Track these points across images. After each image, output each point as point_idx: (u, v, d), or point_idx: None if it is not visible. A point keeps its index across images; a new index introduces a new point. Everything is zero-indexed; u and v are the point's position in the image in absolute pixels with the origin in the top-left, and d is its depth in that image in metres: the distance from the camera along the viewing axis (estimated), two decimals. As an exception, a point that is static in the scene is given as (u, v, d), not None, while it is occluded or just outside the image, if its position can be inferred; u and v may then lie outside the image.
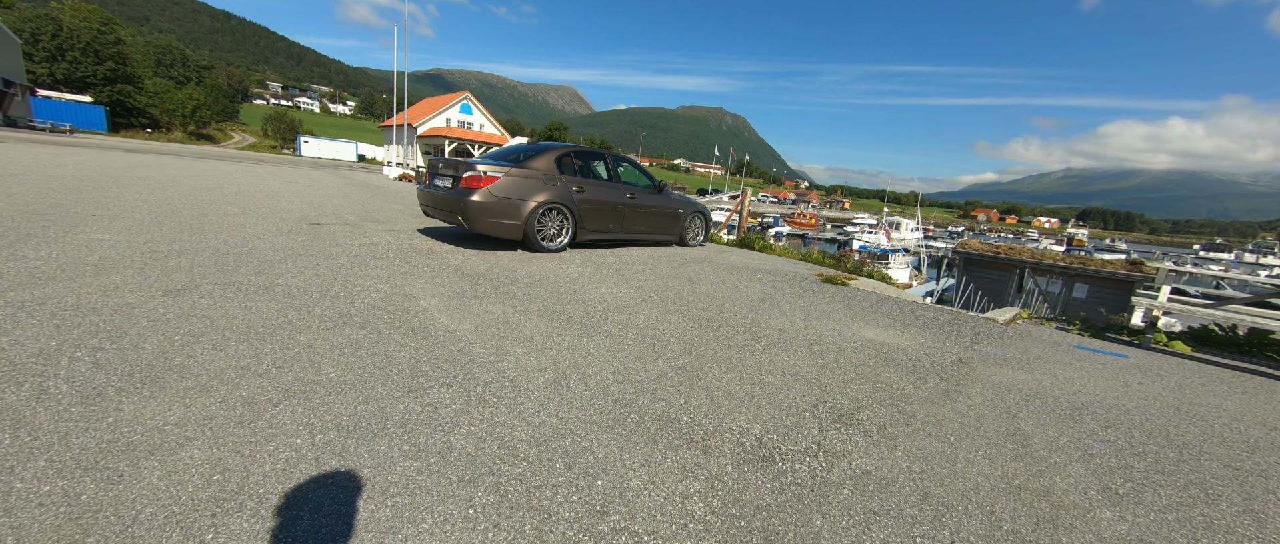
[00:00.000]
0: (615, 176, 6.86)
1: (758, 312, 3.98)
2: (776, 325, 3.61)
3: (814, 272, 6.21)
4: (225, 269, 3.70)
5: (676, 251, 7.25)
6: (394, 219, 7.79)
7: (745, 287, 4.96)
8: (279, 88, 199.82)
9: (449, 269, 4.52)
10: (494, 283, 4.14)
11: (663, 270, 5.54)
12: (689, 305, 3.97)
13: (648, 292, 4.33)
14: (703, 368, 2.61)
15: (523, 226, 5.67)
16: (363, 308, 3.11)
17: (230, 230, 5.25)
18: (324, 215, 7.30)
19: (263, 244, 4.71)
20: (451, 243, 5.99)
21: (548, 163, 6.05)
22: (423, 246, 5.55)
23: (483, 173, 5.45)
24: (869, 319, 4.09)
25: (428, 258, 4.95)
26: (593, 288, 4.29)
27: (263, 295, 3.14)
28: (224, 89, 70.11)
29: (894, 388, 2.58)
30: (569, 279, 4.56)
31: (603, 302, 3.83)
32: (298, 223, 6.32)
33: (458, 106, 41.66)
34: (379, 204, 9.95)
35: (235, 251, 4.28)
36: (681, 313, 3.71)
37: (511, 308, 3.44)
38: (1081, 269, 10.70)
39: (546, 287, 4.17)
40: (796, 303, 4.43)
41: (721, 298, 4.35)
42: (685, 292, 4.47)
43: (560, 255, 5.88)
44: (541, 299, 3.74)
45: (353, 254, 4.73)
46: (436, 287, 3.84)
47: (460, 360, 2.44)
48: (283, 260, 4.16)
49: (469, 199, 5.36)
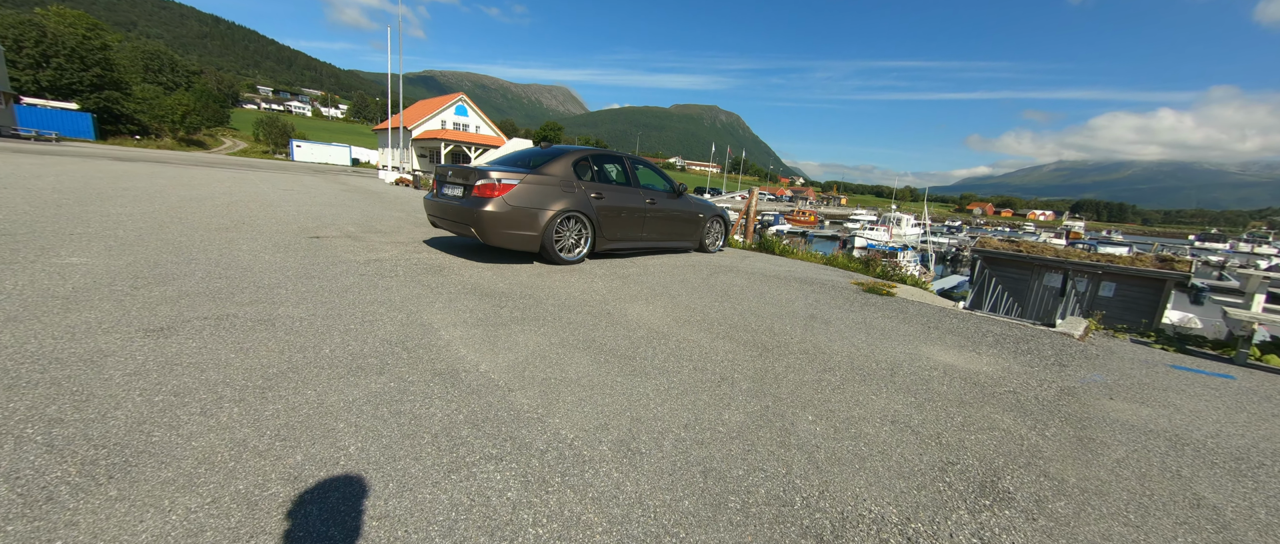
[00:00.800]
0: (634, 181, 6.44)
1: (813, 332, 3.58)
2: (840, 350, 3.22)
3: (851, 280, 5.82)
4: (217, 297, 3.26)
5: (699, 259, 6.85)
6: (397, 229, 7.34)
7: (786, 300, 4.55)
8: (270, 92, 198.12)
9: (466, 289, 4.09)
10: (518, 305, 3.72)
11: (692, 282, 5.13)
12: (736, 327, 3.56)
13: (685, 310, 3.92)
14: (786, 414, 2.21)
15: (540, 238, 5.25)
16: (377, 344, 2.69)
17: (222, 248, 4.80)
18: (323, 227, 6.85)
19: (258, 264, 4.27)
20: (463, 256, 5.57)
21: (565, 168, 5.62)
22: (433, 261, 5.12)
23: (497, 181, 5.02)
24: (934, 338, 3.69)
25: (440, 275, 4.52)
26: (625, 307, 3.87)
27: (261, 331, 2.72)
28: (214, 94, 69.15)
29: (1016, 437, 2.19)
30: (597, 297, 4.14)
31: (642, 325, 3.42)
32: (295, 236, 5.87)
33: (453, 108, 41.05)
34: (379, 212, 9.50)
35: (228, 274, 3.84)
36: (732, 337, 3.30)
37: (544, 337, 3.03)
38: (1109, 267, 10.36)
39: (575, 307, 3.76)
40: (848, 319, 4.03)
41: (767, 315, 3.95)
42: (725, 309, 4.06)
43: (580, 267, 5.47)
44: (574, 324, 3.32)
45: (358, 273, 4.30)
46: (456, 312, 3.42)
47: (503, 417, 2.02)
48: (281, 283, 3.73)
49: (483, 210, 4.93)
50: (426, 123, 39.56)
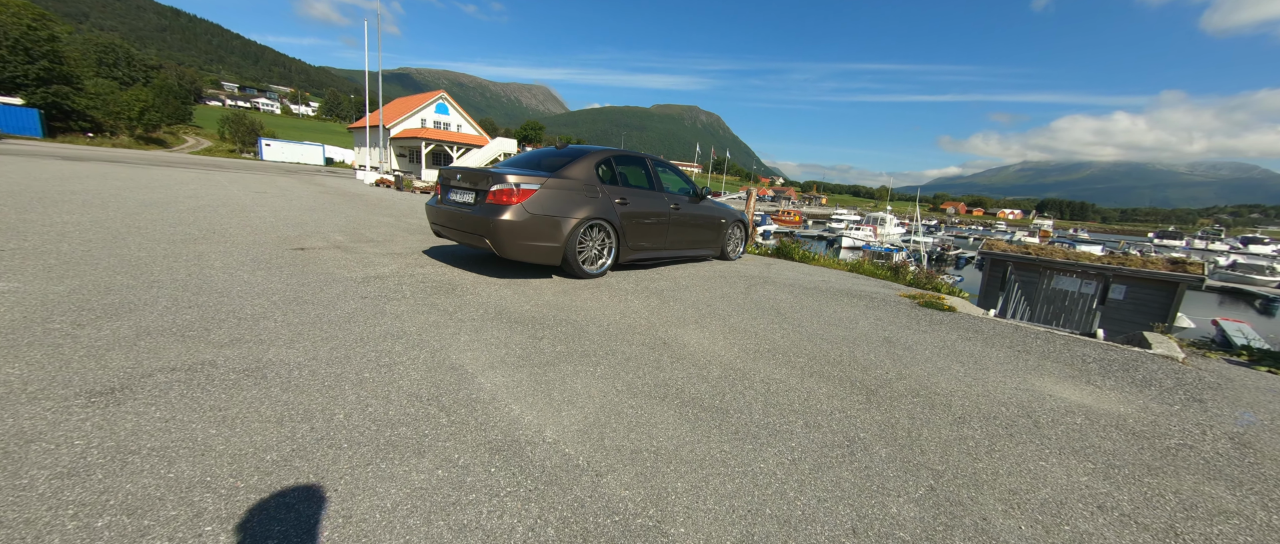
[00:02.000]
0: (657, 184, 5.90)
1: (901, 362, 3.10)
2: (950, 388, 2.74)
3: (899, 292, 5.39)
4: (187, 335, 2.59)
5: (726, 269, 6.34)
6: (390, 237, 6.62)
7: (847, 319, 4.07)
8: (235, 88, 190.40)
9: (488, 313, 3.48)
10: (556, 334, 3.14)
11: (734, 299, 4.61)
12: (815, 358, 3.05)
13: (747, 336, 3.40)
14: (964, 502, 1.70)
15: (562, 249, 4.66)
16: (405, 402, 2.08)
17: (191, 265, 4.07)
18: (306, 235, 6.10)
19: (236, 285, 3.57)
20: (472, 269, 4.93)
21: (587, 170, 5.04)
22: (441, 277, 4.47)
23: (515, 186, 4.41)
24: (1031, 365, 3.26)
25: (454, 296, 3.89)
26: (679, 334, 3.33)
27: (249, 387, 2.08)
28: (175, 90, 65.73)
29: (1259, 523, 1.73)
30: (641, 321, 3.59)
31: (710, 359, 2.88)
32: (276, 248, 5.13)
33: (433, 106, 39.68)
34: (365, 217, 8.71)
35: (200, 301, 3.15)
36: (820, 373, 2.79)
37: (606, 382, 2.46)
38: (1120, 270, 10.27)
39: (623, 335, 3.19)
40: (927, 343, 3.57)
41: (837, 340, 3.45)
42: (789, 333, 3.56)
43: (605, 282, 4.89)
44: (632, 360, 2.76)
45: (358, 296, 3.64)
46: (487, 347, 2.82)
47: (608, 526, 1.45)
48: (267, 312, 3.06)
49: (499, 219, 4.31)
50: (405, 121, 38.14)
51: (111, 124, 50.59)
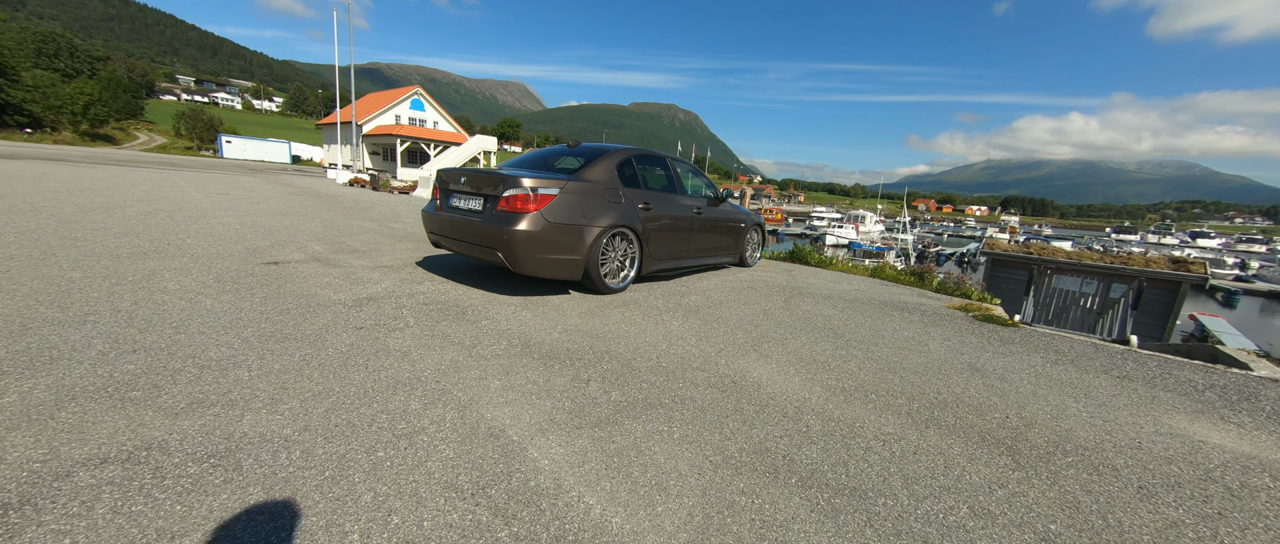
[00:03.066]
0: (680, 186, 5.37)
1: (1010, 401, 2.65)
2: (1086, 437, 2.30)
3: (946, 304, 5.00)
4: (128, 399, 1.94)
5: (748, 277, 5.86)
6: (375, 245, 5.90)
7: (912, 340, 3.63)
8: (192, 82, 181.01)
9: (513, 345, 2.90)
10: (600, 372, 2.58)
11: (777, 315, 4.12)
12: (910, 396, 2.58)
13: (820, 368, 2.91)
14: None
15: (584, 262, 4.09)
16: (441, 502, 1.50)
17: (138, 288, 3.33)
18: (279, 245, 5.33)
19: (197, 316, 2.88)
20: (476, 284, 4.30)
21: (609, 172, 4.48)
22: (444, 296, 3.84)
23: (532, 191, 3.81)
24: (1148, 397, 2.87)
25: (465, 321, 3.28)
26: (742, 367, 2.81)
27: (217, 492, 1.46)
28: (124, 83, 61.68)
29: None
30: (691, 349, 3.05)
31: (800, 406, 2.37)
32: (244, 262, 4.39)
33: (408, 102, 38.06)
34: (344, 222, 7.90)
35: (148, 341, 2.46)
36: (931, 420, 2.32)
37: (694, 450, 1.92)
38: (1123, 269, 10.25)
39: (679, 372, 2.66)
40: (1015, 369, 3.15)
41: (919, 369, 3.00)
42: (862, 361, 3.08)
43: (631, 298, 4.34)
44: (709, 411, 2.23)
45: (352, 325, 3.00)
46: (526, 396, 2.24)
47: None
48: (240, 357, 2.40)
49: (515, 230, 3.71)
50: (379, 117, 36.50)
51: (52, 119, 47.15)
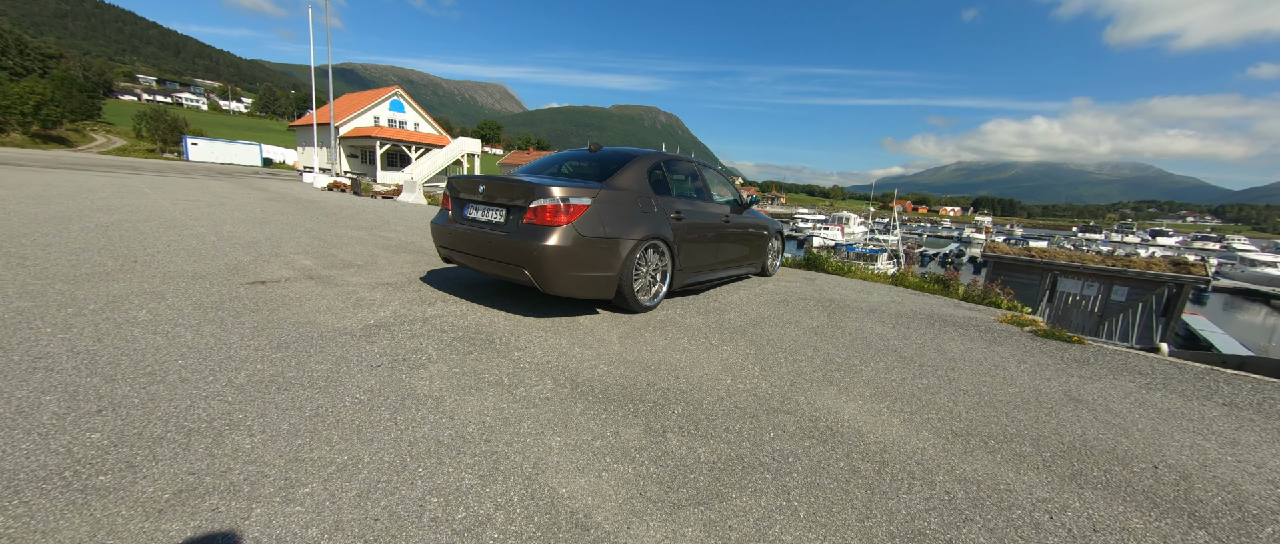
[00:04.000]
0: (707, 193, 5.01)
1: (1138, 442, 2.36)
2: (1255, 491, 2.01)
3: (995, 317, 4.74)
4: (93, 489, 1.47)
5: (774, 288, 5.53)
6: (370, 258, 5.37)
7: (986, 363, 3.34)
8: (153, 81, 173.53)
9: (560, 384, 2.48)
10: (674, 420, 2.19)
11: (828, 333, 3.79)
12: (1033, 441, 2.27)
13: (911, 403, 2.58)
14: None
15: (618, 278, 3.69)
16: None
17: (103, 318, 2.80)
18: (263, 260, 4.77)
19: (176, 356, 2.38)
20: (493, 303, 3.85)
21: (640, 178, 4.09)
22: (464, 320, 3.38)
23: (562, 200, 3.40)
24: (1273, 431, 2.62)
25: (496, 352, 2.85)
26: (825, 406, 2.46)
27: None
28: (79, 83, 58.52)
29: None
30: (761, 383, 2.69)
31: (921, 461, 2.02)
32: (226, 281, 3.85)
33: (387, 103, 36.83)
34: (331, 230, 7.31)
35: (115, 395, 1.97)
36: (1077, 475, 1.99)
37: (829, 535, 1.55)
38: (1124, 271, 10.29)
39: (760, 415, 2.29)
40: (1115, 398, 2.88)
41: (1018, 402, 2.70)
42: (952, 393, 2.77)
43: (664, 317, 3.95)
44: (823, 473, 1.87)
45: (366, 363, 2.54)
46: (598, 458, 1.84)
47: None
48: (237, 414, 1.94)
49: (546, 246, 3.29)
50: (357, 119, 35.24)
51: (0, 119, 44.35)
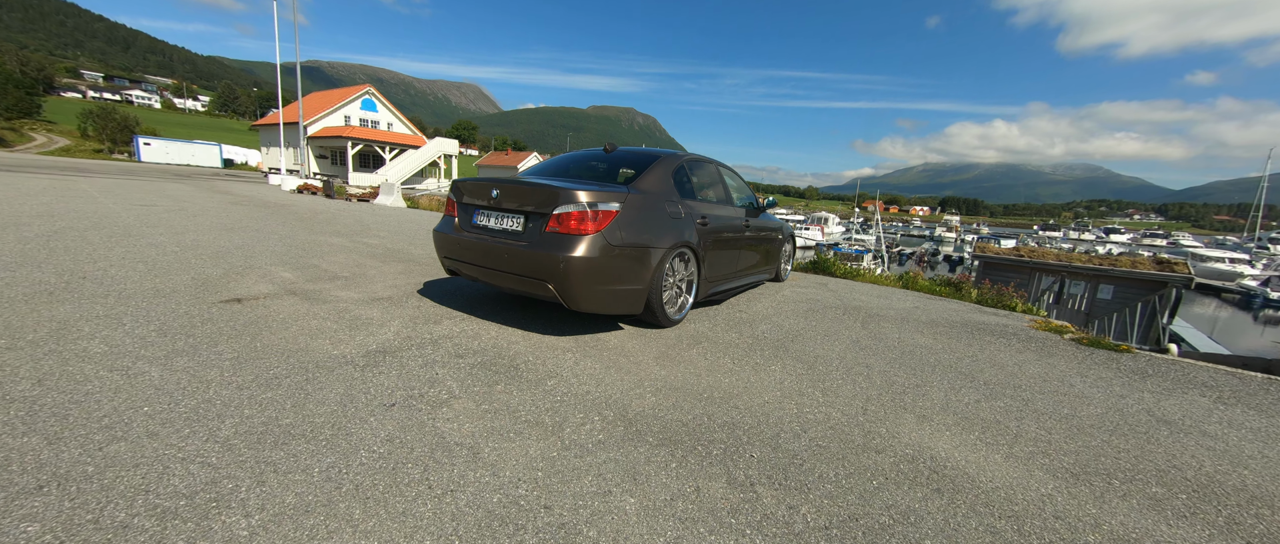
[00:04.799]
0: (729, 196, 4.73)
1: (1263, 475, 2.16)
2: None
3: (1027, 323, 4.59)
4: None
5: (793, 295, 5.28)
6: (357, 269, 4.88)
7: (1048, 378, 3.14)
8: (100, 78, 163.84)
9: (610, 421, 2.14)
10: (752, 463, 1.88)
11: (870, 345, 3.54)
12: (1163, 481, 2.04)
13: (999, 432, 2.34)
14: None
15: (647, 291, 3.36)
16: None
17: (45, 352, 2.30)
18: (236, 273, 4.24)
19: (141, 403, 1.93)
20: (502, 319, 3.46)
21: (666, 181, 3.77)
22: (476, 342, 2.99)
23: (590, 206, 3.05)
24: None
25: (525, 383, 2.48)
26: (906, 435, 2.20)
27: None
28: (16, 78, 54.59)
29: None
30: (829, 408, 2.41)
31: (1046, 508, 1.76)
32: (194, 300, 3.34)
33: (359, 102, 35.35)
34: (307, 238, 6.72)
35: (66, 463, 1.53)
36: (1233, 524, 1.76)
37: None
38: (1111, 271, 10.51)
39: (845, 453, 2.00)
40: (1198, 415, 2.70)
41: (1105, 426, 2.49)
42: (1033, 416, 2.54)
43: (694, 331, 3.63)
44: (944, 529, 1.59)
45: (377, 401, 2.14)
46: (692, 528, 1.51)
47: None
48: (227, 484, 1.53)
49: (573, 257, 2.93)
50: (326, 118, 33.74)
51: (-75, 117, 40.90)
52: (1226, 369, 3.41)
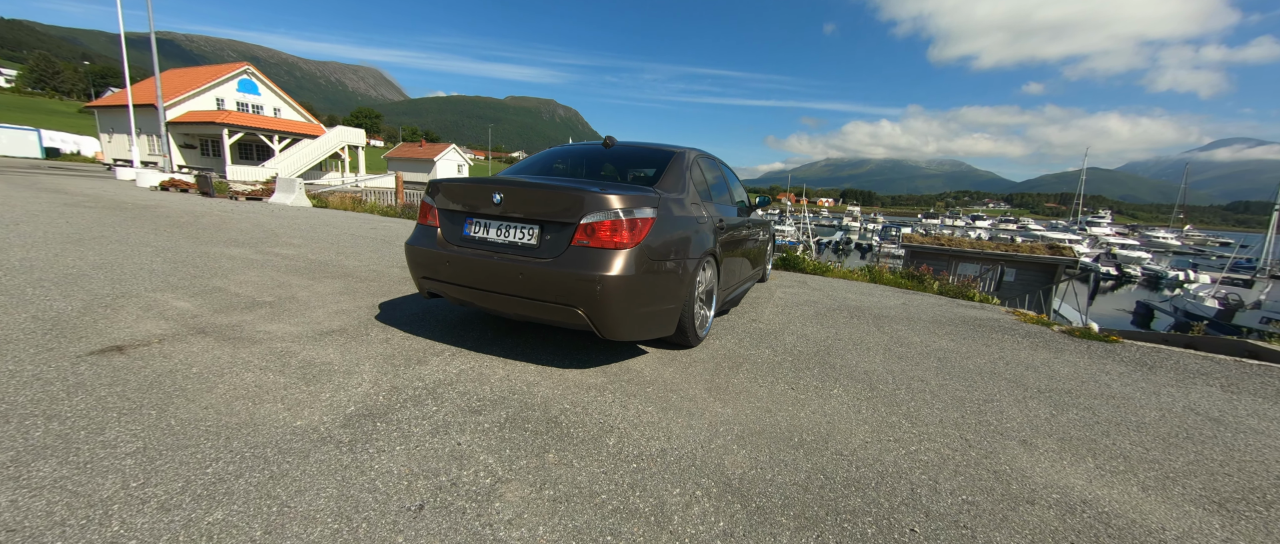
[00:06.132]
0: (732, 194, 4.39)
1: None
2: None
3: (1013, 317, 4.75)
4: None
5: (789, 297, 5.11)
6: (285, 293, 3.85)
7: (1084, 379, 3.16)
8: None
9: (720, 497, 1.69)
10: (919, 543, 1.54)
11: (897, 351, 3.39)
12: (1266, 501, 2.00)
13: (1113, 457, 2.21)
14: None
15: (680, 309, 2.91)
16: None
17: None
18: (103, 306, 3.10)
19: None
20: (501, 351, 2.82)
21: (686, 182, 3.34)
22: (483, 386, 2.35)
23: (625, 213, 2.52)
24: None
25: (579, 445, 1.93)
26: (1035, 472, 1.99)
27: None
28: None
29: None
30: (939, 445, 2.15)
31: None
32: (47, 352, 2.31)
33: (235, 82, 30.17)
34: (194, 250, 5.33)
35: None
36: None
37: None
38: (1013, 256, 11.80)
39: (996, 510, 1.74)
40: (1223, 407, 2.82)
41: (1176, 433, 2.48)
42: (1109, 429, 2.48)
43: (724, 350, 3.26)
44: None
45: (396, 506, 1.49)
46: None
47: None
48: None
49: (609, 277, 2.41)
50: (191, 101, 28.44)
51: None
52: (1192, 352, 3.71)
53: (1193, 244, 74.55)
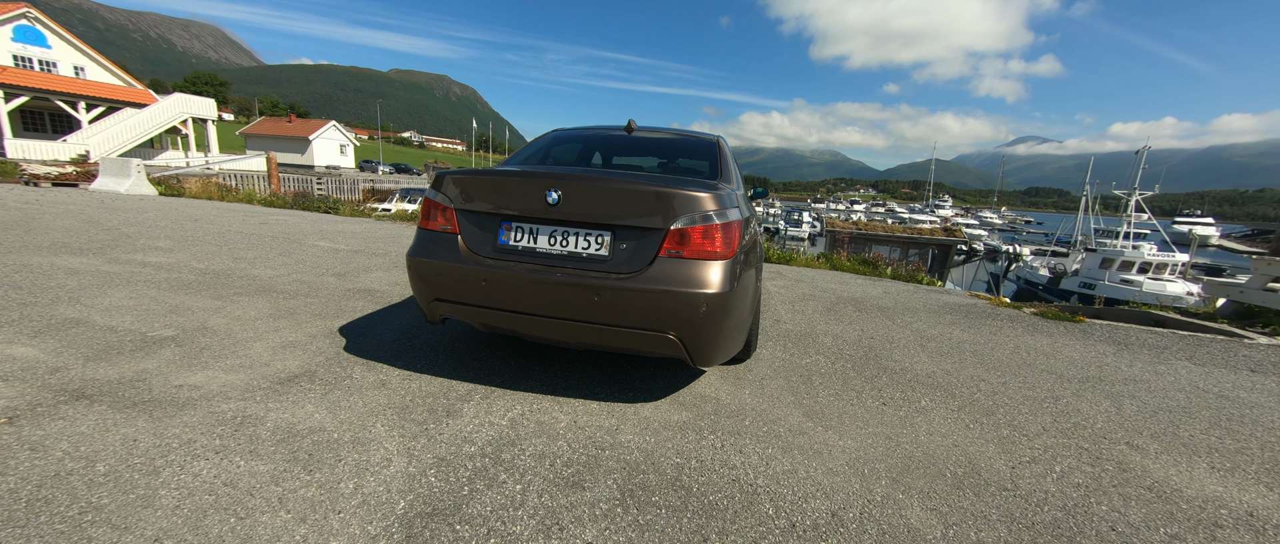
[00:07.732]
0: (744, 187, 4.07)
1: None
2: None
3: (988, 302, 5.07)
4: None
5: (783, 292, 5.00)
6: (193, 321, 2.80)
7: (1097, 364, 3.38)
8: None
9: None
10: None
11: (931, 348, 3.39)
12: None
13: (1208, 453, 2.31)
14: None
15: (751, 321, 2.56)
16: None
17: None
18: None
19: None
20: (540, 386, 2.28)
21: (735, 170, 2.95)
22: (544, 437, 1.82)
23: (719, 215, 2.08)
24: None
25: (730, 519, 1.51)
26: (1178, 483, 1.99)
27: None
28: None
29: None
30: (1073, 463, 2.06)
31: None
32: None
33: (9, 30, 22.79)
34: (9, 260, 3.75)
35: None
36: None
37: None
38: (916, 238, 13.19)
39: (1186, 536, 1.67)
40: (1231, 386, 3.16)
41: (1216, 416, 2.70)
42: (1168, 418, 2.62)
43: (770, 362, 2.99)
44: None
45: None
46: None
47: None
48: None
49: (712, 295, 1.98)
50: (-60, 48, 21.00)
51: None
52: (1136, 327, 4.25)
53: (1008, 222, 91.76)
